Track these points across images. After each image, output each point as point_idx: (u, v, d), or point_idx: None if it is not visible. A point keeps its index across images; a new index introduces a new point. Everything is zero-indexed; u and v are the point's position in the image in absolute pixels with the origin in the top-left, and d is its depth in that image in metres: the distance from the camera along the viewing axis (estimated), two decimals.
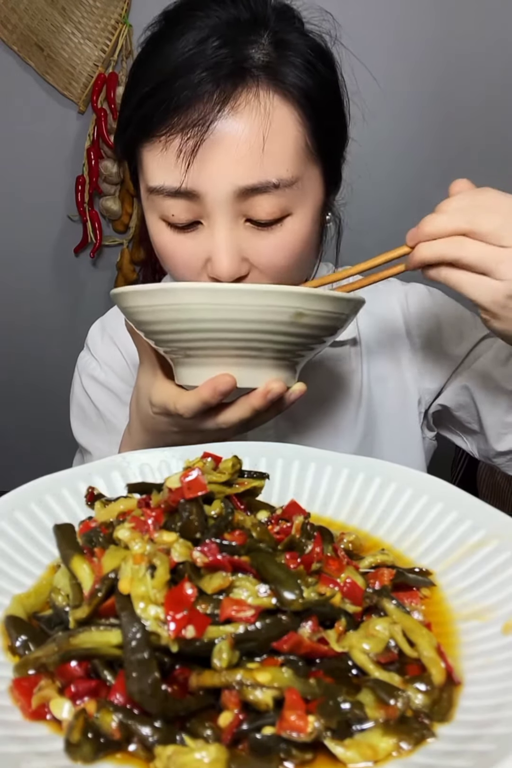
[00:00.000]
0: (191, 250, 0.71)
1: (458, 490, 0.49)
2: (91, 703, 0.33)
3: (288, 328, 0.57)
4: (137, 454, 0.56)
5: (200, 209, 0.68)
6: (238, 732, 0.32)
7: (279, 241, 0.70)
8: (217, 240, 0.68)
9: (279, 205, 0.68)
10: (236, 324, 0.56)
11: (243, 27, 0.67)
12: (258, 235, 0.69)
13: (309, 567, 0.39)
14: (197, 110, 0.65)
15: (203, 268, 0.71)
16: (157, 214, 0.72)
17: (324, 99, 0.71)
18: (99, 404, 0.91)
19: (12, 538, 0.46)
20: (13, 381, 2.17)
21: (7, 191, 1.98)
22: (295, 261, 0.72)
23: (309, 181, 0.71)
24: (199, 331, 0.57)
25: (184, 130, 0.65)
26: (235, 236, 0.68)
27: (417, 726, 0.32)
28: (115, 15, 1.84)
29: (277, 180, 0.66)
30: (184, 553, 0.37)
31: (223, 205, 0.67)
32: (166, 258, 0.74)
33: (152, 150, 0.69)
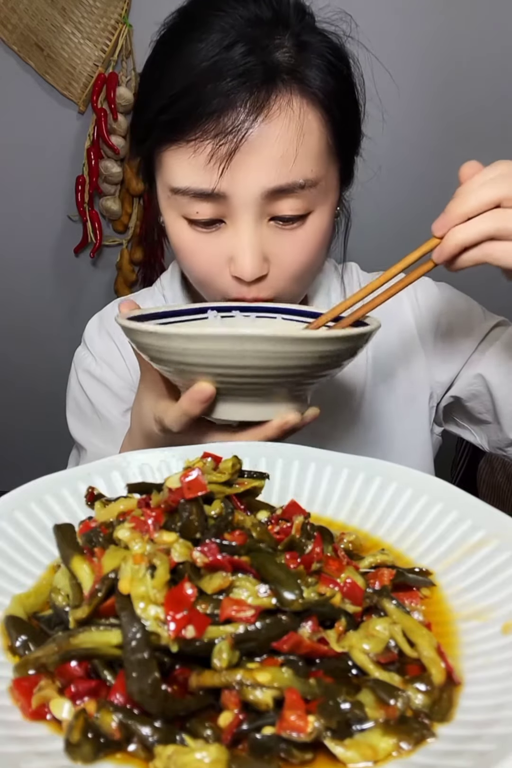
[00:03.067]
0: (213, 249, 0.72)
1: (458, 490, 0.49)
2: (91, 703, 0.33)
3: (308, 370, 0.57)
4: (137, 454, 0.56)
5: (225, 209, 0.69)
6: (238, 732, 0.32)
7: (301, 239, 0.71)
8: (242, 240, 0.69)
9: (303, 205, 0.70)
10: (256, 370, 0.55)
11: (266, 28, 0.68)
12: (280, 234, 0.71)
13: (309, 567, 0.39)
14: (231, 117, 0.66)
15: (225, 267, 0.72)
16: (178, 212, 0.72)
17: (343, 98, 0.72)
18: (94, 400, 0.91)
19: (12, 538, 0.46)
20: (13, 381, 2.17)
21: (7, 191, 1.98)
22: (313, 258, 0.74)
23: (330, 179, 0.73)
24: (212, 374, 0.57)
25: (217, 136, 0.66)
26: (259, 236, 0.70)
27: (417, 726, 0.32)
28: (115, 15, 1.84)
29: (304, 181, 0.68)
30: (184, 553, 0.37)
31: (249, 206, 0.68)
32: (186, 256, 0.75)
33: (179, 153, 0.69)
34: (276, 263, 0.71)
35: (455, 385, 0.88)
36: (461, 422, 0.92)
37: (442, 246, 0.60)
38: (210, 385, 0.57)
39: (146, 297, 0.96)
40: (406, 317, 0.90)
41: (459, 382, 0.88)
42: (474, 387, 0.85)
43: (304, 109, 0.68)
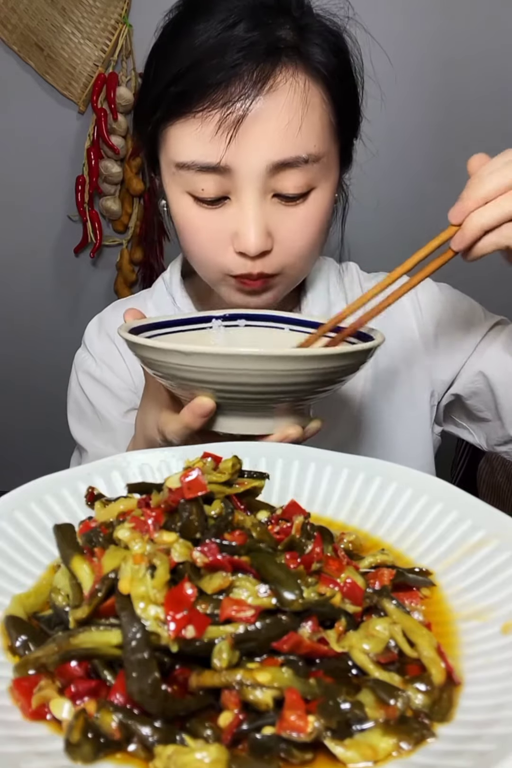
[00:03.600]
0: (218, 225, 0.73)
1: (458, 490, 0.49)
2: (91, 703, 0.33)
3: (309, 386, 0.57)
4: (137, 454, 0.56)
5: (230, 184, 0.70)
6: (238, 732, 0.32)
7: (304, 215, 0.73)
8: (246, 215, 0.70)
9: (306, 180, 0.71)
10: (255, 387, 0.56)
11: (268, 11, 0.70)
12: (284, 210, 0.72)
13: (309, 567, 0.39)
14: (237, 87, 0.68)
15: (229, 243, 0.73)
16: (182, 188, 0.73)
17: (344, 79, 0.75)
18: (94, 401, 0.91)
19: (12, 538, 0.46)
20: (13, 381, 2.17)
21: (7, 191, 1.98)
22: (316, 235, 0.75)
23: (331, 157, 0.74)
24: (213, 390, 0.57)
25: (225, 105, 0.67)
26: (263, 211, 0.71)
27: (417, 726, 0.32)
28: (115, 15, 1.84)
29: (307, 155, 0.70)
30: (184, 553, 0.37)
31: (254, 180, 0.69)
32: (189, 233, 0.76)
33: (186, 126, 0.70)
34: (280, 240, 0.73)
35: (456, 383, 0.89)
36: (460, 421, 0.92)
37: (463, 232, 0.60)
38: (210, 399, 0.58)
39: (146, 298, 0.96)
40: (407, 317, 0.90)
41: (460, 380, 0.88)
42: (475, 385, 0.86)
43: (308, 83, 0.70)
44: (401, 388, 0.90)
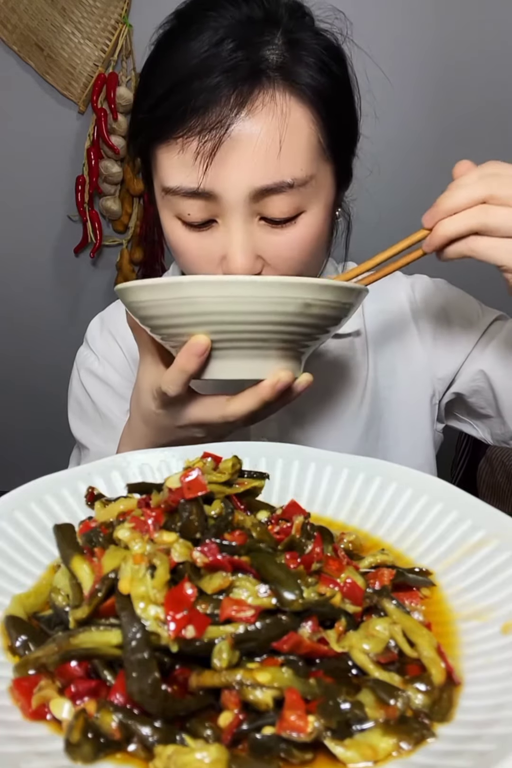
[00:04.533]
0: (207, 248, 0.72)
1: (458, 490, 0.49)
2: (91, 703, 0.33)
3: (295, 318, 0.57)
4: (137, 454, 0.56)
5: (216, 209, 0.69)
6: (238, 732, 0.32)
7: (292, 238, 0.71)
8: (233, 239, 0.69)
9: (293, 204, 0.69)
10: (244, 316, 0.56)
11: (256, 26, 0.68)
12: (272, 232, 0.70)
13: (309, 567, 0.39)
14: (215, 113, 0.66)
15: (218, 265, 0.72)
16: (172, 212, 0.72)
17: (336, 97, 0.71)
18: (96, 399, 0.92)
19: (12, 538, 0.46)
20: (13, 381, 2.17)
21: (7, 191, 1.98)
22: (307, 257, 0.73)
23: (322, 178, 0.72)
24: (206, 324, 0.57)
25: (201, 132, 0.66)
26: (250, 234, 0.69)
27: (417, 726, 0.32)
28: (115, 15, 1.84)
29: (292, 180, 0.67)
30: (184, 553, 0.37)
31: (239, 206, 0.68)
32: (180, 254, 0.75)
33: (168, 151, 0.69)
34: (270, 262, 0.71)
35: (456, 382, 0.89)
36: (462, 417, 0.92)
37: (431, 236, 0.62)
38: (205, 336, 0.58)
39: None
40: (405, 315, 0.90)
41: (460, 379, 0.88)
42: (476, 383, 0.86)
43: (289, 104, 0.67)
44: (402, 387, 0.90)
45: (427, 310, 0.90)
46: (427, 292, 0.91)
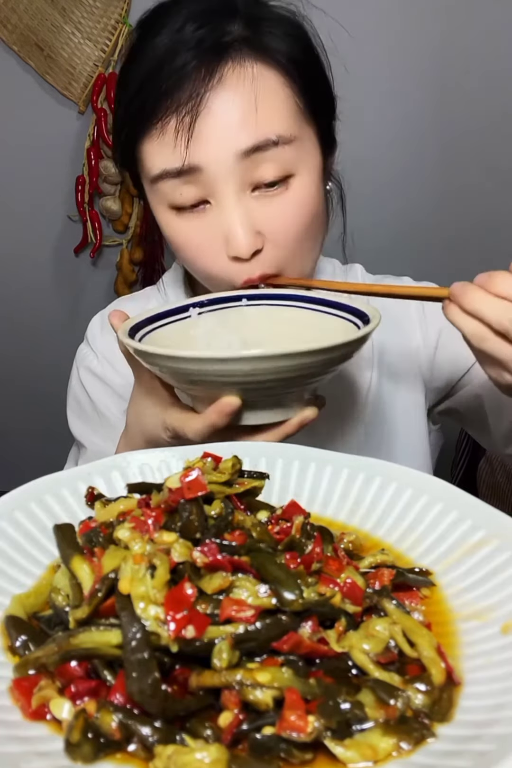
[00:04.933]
0: (205, 234, 0.72)
1: (458, 490, 0.49)
2: (91, 703, 0.33)
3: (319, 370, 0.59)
4: (137, 454, 0.56)
5: (206, 187, 0.70)
6: (238, 732, 0.32)
7: (286, 205, 0.71)
8: (228, 216, 0.69)
9: (281, 164, 0.70)
10: (273, 382, 0.58)
11: (216, 13, 0.70)
12: (266, 203, 0.71)
13: (309, 567, 0.39)
14: (187, 89, 0.67)
15: (221, 252, 0.72)
16: (164, 204, 0.73)
17: (305, 61, 0.74)
18: (95, 397, 0.91)
19: (12, 538, 0.46)
20: (13, 381, 2.17)
21: (7, 191, 1.98)
22: (306, 228, 0.73)
23: (306, 141, 0.73)
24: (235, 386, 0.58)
25: (178, 109, 0.67)
26: (244, 208, 0.70)
27: (417, 726, 0.32)
28: (115, 15, 1.84)
29: (276, 137, 0.68)
30: (184, 553, 0.37)
31: (227, 176, 0.69)
32: (181, 248, 0.75)
33: (150, 139, 0.70)
34: (270, 234, 0.71)
35: (453, 398, 0.90)
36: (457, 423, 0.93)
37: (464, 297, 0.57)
38: (237, 398, 0.59)
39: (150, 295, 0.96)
40: (411, 322, 0.90)
41: (457, 397, 0.89)
42: (472, 404, 0.87)
43: (260, 70, 0.69)
44: (404, 391, 0.90)
45: (433, 320, 0.89)
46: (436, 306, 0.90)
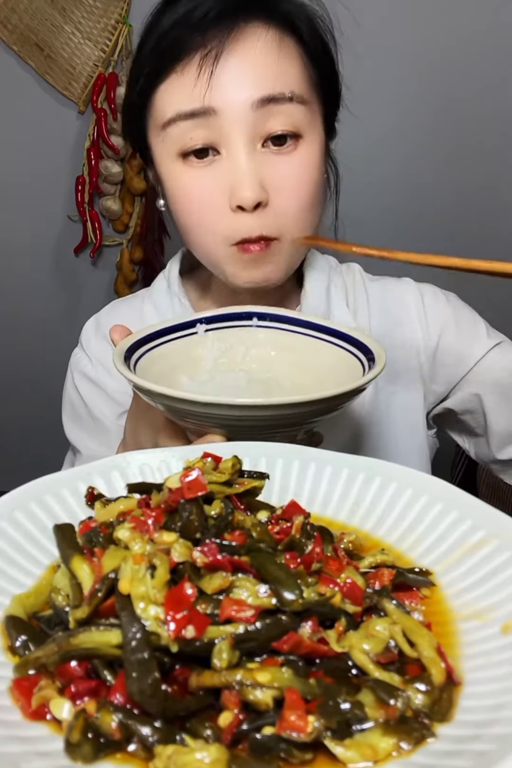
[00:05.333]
0: (209, 185, 0.73)
1: (458, 490, 0.49)
2: (91, 703, 0.33)
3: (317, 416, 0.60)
4: (137, 454, 0.56)
5: (217, 132, 0.72)
6: (238, 732, 0.32)
7: (295, 164, 0.74)
8: (238, 165, 0.72)
9: (292, 120, 0.73)
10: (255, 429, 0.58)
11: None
12: (274, 160, 0.73)
13: (309, 567, 0.39)
14: (213, 35, 0.71)
15: (224, 203, 0.73)
16: (172, 152, 0.74)
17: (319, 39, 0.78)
18: (89, 401, 0.91)
19: (12, 538, 0.46)
20: (13, 381, 2.17)
21: (7, 191, 1.98)
22: (308, 193, 0.76)
23: (316, 111, 0.77)
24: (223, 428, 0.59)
25: (202, 47, 0.71)
26: (254, 161, 0.72)
27: (417, 726, 0.32)
28: (115, 15, 1.83)
29: (290, 93, 0.72)
30: (184, 553, 0.37)
31: (240, 123, 0.71)
32: (184, 203, 0.76)
33: (168, 83, 0.73)
34: (274, 193, 0.73)
35: (450, 399, 0.89)
36: (450, 432, 0.93)
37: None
38: (221, 437, 0.59)
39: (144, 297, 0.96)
40: (411, 321, 0.90)
41: (454, 397, 0.89)
42: (470, 404, 0.86)
43: (282, 33, 0.74)
44: (401, 393, 0.90)
45: (434, 321, 0.89)
46: (436, 303, 0.90)
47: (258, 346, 0.75)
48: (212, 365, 0.73)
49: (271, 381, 0.72)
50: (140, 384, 0.58)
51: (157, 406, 0.61)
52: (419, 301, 0.90)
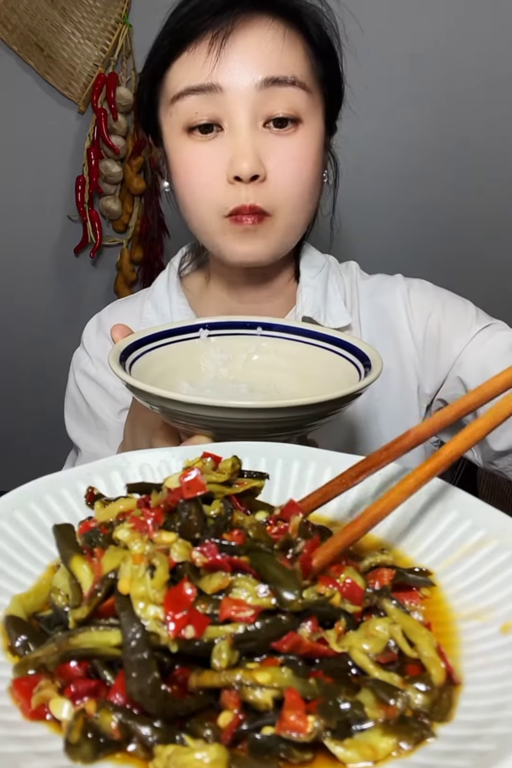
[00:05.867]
0: (210, 158, 0.78)
1: (458, 490, 0.49)
2: (91, 703, 0.33)
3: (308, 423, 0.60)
4: (137, 454, 0.56)
5: (222, 109, 0.76)
6: (237, 732, 0.32)
7: (292, 145, 0.78)
8: (239, 138, 0.76)
9: (293, 104, 0.77)
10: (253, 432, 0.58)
11: None
12: (274, 140, 0.77)
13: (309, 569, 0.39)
14: (224, 18, 0.76)
15: (222, 174, 0.77)
16: (178, 126, 0.79)
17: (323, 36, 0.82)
18: (90, 400, 0.92)
19: (12, 538, 0.46)
20: (13, 381, 2.17)
21: (7, 191, 1.98)
22: (303, 176, 0.79)
23: (316, 103, 0.81)
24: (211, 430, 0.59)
25: (213, 25, 0.76)
26: (254, 137, 0.76)
27: (417, 726, 0.32)
28: (115, 15, 1.83)
29: (293, 77, 0.76)
30: (184, 553, 0.37)
31: (244, 100, 0.75)
32: (185, 173, 0.80)
33: (181, 60, 0.78)
34: (272, 169, 0.77)
35: (444, 387, 0.88)
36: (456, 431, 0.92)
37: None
38: (208, 438, 0.59)
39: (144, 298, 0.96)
40: (399, 317, 0.90)
41: (444, 386, 0.88)
42: (457, 393, 0.85)
43: (288, 23, 0.78)
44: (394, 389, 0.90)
45: (420, 313, 0.89)
46: (423, 293, 0.91)
47: (261, 354, 0.74)
48: (214, 374, 0.73)
49: (272, 391, 0.72)
50: (131, 382, 0.59)
51: (151, 407, 0.61)
52: (406, 295, 0.91)
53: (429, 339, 0.88)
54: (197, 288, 0.95)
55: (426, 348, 0.88)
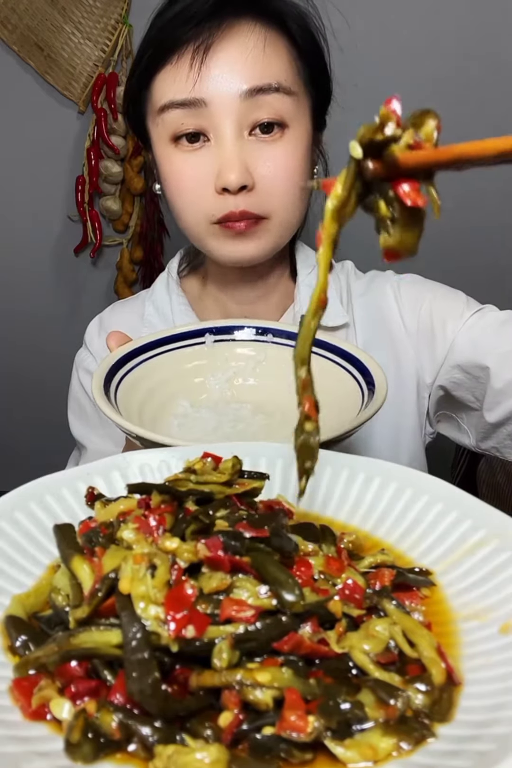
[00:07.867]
0: (199, 169, 0.78)
1: (458, 490, 0.49)
2: (91, 703, 0.33)
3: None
4: (137, 454, 0.56)
5: (207, 121, 0.76)
6: (238, 732, 0.32)
7: (279, 150, 0.78)
8: (226, 150, 0.76)
9: (278, 110, 0.77)
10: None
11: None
12: (260, 147, 0.78)
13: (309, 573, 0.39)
14: (204, 30, 0.75)
15: (210, 184, 0.77)
16: (165, 137, 0.79)
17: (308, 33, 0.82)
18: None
19: (12, 538, 0.46)
20: (13, 381, 2.17)
21: (7, 191, 1.98)
22: (296, 178, 0.79)
23: (303, 103, 0.81)
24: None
25: (195, 36, 0.75)
26: (241, 147, 0.76)
27: (417, 726, 0.32)
28: (115, 15, 1.83)
29: (277, 83, 0.76)
30: (190, 558, 0.37)
31: (229, 112, 0.75)
32: (174, 182, 0.81)
33: (164, 72, 0.78)
34: (260, 178, 0.77)
35: (439, 376, 0.89)
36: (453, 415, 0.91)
37: None
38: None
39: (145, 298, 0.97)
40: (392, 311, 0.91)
41: (441, 372, 0.88)
42: (455, 377, 0.86)
43: (269, 28, 0.78)
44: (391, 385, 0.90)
45: (412, 305, 0.90)
46: (413, 288, 0.92)
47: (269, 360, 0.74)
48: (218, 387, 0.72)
49: (276, 413, 0.69)
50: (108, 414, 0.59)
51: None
52: (396, 288, 0.92)
53: (423, 329, 0.89)
54: (195, 289, 0.96)
55: (421, 338, 0.89)
